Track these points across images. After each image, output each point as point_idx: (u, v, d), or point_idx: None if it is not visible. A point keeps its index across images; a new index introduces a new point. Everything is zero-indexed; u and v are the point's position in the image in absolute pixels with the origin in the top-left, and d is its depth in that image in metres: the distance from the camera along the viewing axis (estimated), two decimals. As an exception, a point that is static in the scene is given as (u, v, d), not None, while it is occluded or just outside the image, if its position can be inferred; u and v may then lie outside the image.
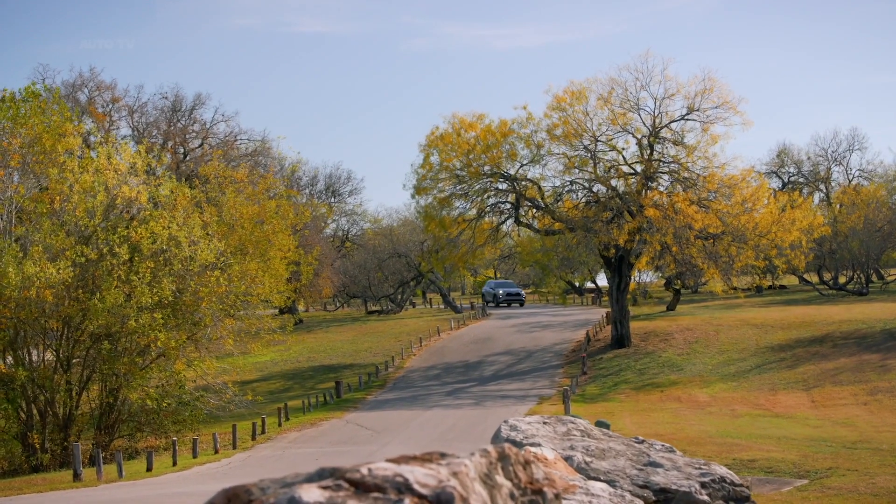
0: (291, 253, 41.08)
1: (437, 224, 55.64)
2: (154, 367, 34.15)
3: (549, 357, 54.49)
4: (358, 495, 2.56)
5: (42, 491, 19.03)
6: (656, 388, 42.90)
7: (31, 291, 29.81)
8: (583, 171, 52.69)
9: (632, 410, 36.76)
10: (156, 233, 32.90)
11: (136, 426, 34.94)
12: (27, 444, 31.24)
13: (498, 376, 49.35)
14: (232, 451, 30.25)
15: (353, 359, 57.86)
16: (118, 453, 25.50)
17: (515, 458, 2.85)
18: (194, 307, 34.18)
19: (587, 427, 7.54)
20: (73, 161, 33.51)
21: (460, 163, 54.41)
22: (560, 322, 68.91)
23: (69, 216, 32.68)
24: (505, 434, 7.17)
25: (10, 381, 30.68)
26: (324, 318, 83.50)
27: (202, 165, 48.50)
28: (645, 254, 51.18)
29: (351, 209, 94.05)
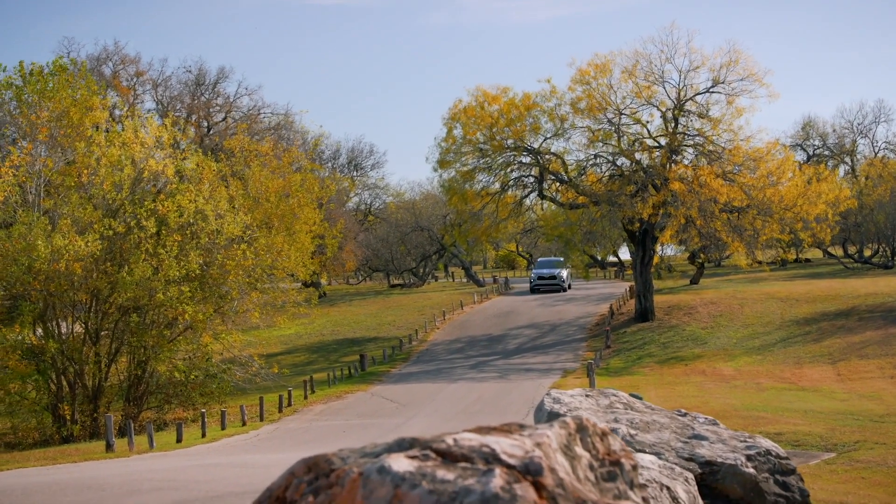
0: (317, 226, 41.16)
1: (459, 198, 55.60)
2: (181, 339, 34.37)
3: (573, 331, 54.50)
4: (446, 465, 2.59)
5: (76, 461, 19.24)
6: (680, 362, 42.87)
7: (60, 264, 30.02)
8: (607, 145, 52.48)
9: (656, 384, 36.75)
10: (182, 206, 33.03)
11: (164, 398, 35.22)
12: (58, 416, 31.56)
13: (522, 350, 49.41)
14: (259, 424, 30.47)
15: (376, 332, 58.06)
16: (149, 425, 25.74)
17: (593, 429, 2.89)
18: (221, 280, 34.36)
19: (629, 400, 7.57)
20: (101, 135, 33.63)
21: (483, 136, 54.29)
22: (583, 296, 68.87)
23: (97, 189, 32.84)
24: (548, 407, 7.21)
25: (40, 353, 30.96)
26: (347, 291, 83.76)
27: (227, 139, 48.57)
28: (669, 227, 51.04)
29: (373, 183, 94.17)
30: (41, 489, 10.74)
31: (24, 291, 30.98)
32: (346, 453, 3.15)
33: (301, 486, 3.10)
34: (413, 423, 28.03)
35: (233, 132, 58.34)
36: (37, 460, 20.09)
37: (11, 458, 22.11)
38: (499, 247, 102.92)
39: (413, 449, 2.81)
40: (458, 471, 2.58)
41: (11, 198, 31.77)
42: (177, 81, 69.19)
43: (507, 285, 79.12)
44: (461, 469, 2.60)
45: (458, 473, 2.55)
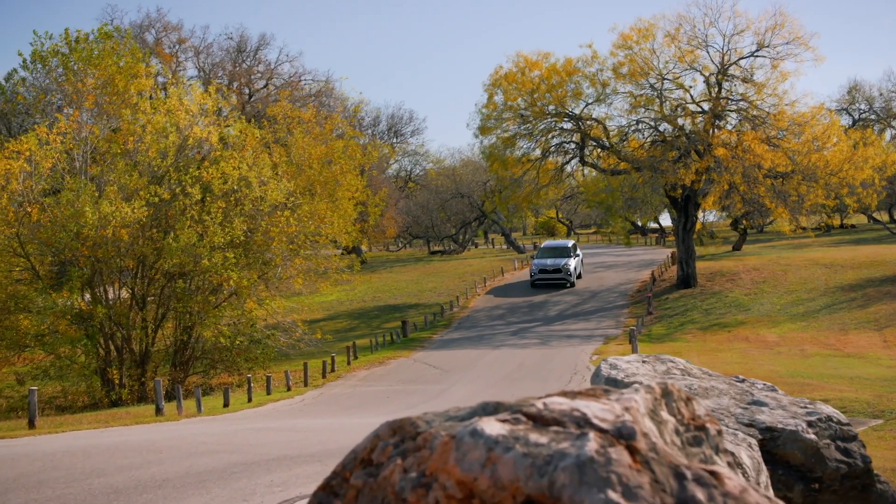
0: (359, 193, 41.26)
1: (500, 164, 55.48)
2: (226, 305, 34.68)
3: (614, 297, 54.38)
4: (538, 429, 2.62)
5: (128, 424, 19.55)
6: (723, 329, 42.66)
7: (108, 231, 30.34)
8: (649, 110, 52.04)
9: (699, 350, 36.62)
10: (226, 173, 33.23)
11: (210, 363, 35.61)
12: (106, 380, 32.02)
13: (563, 316, 49.38)
14: (304, 389, 30.73)
15: (417, 298, 58.25)
16: (197, 389, 26.03)
17: (678, 394, 2.90)
18: (265, 247, 34.60)
19: (686, 366, 7.57)
20: (146, 102, 33.84)
21: (524, 102, 54.04)
22: (624, 262, 68.64)
23: (142, 156, 33.10)
24: (605, 373, 7.22)
25: (89, 318, 31.37)
26: (387, 258, 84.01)
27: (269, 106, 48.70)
28: (712, 194, 50.60)
29: (413, 149, 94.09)
30: (100, 451, 10.94)
31: (73, 257, 31.38)
32: (430, 417, 3.18)
33: (387, 449, 3.14)
34: (456, 390, 28.17)
35: (274, 99, 58.42)
36: (89, 423, 20.43)
37: (65, 420, 22.52)
38: (539, 213, 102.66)
39: (503, 413, 2.84)
40: (551, 434, 2.60)
41: (59, 165, 32.11)
42: (218, 48, 69.44)
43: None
44: (553, 433, 2.62)
45: (550, 437, 2.58)
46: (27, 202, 31.06)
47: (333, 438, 13.33)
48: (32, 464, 9.80)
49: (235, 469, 9.49)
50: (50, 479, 8.65)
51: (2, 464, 9.92)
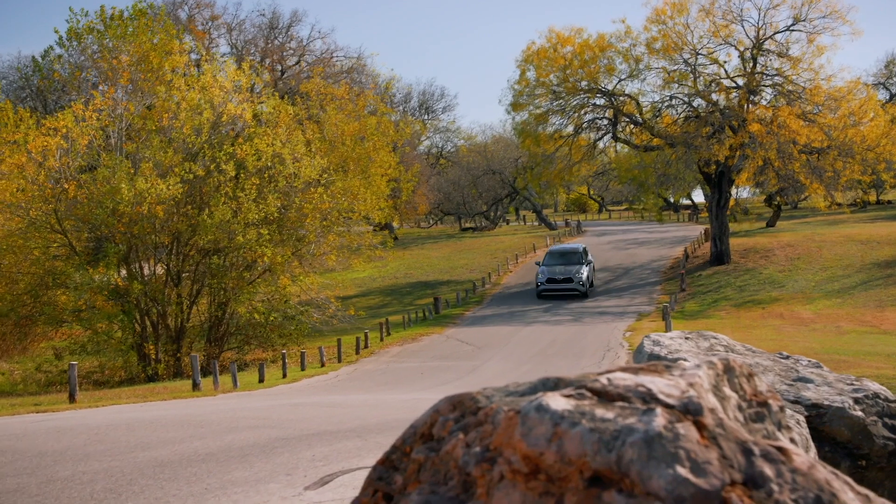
0: (392, 170, 41.28)
1: (532, 140, 55.35)
2: (260, 281, 34.88)
3: (647, 274, 54.21)
4: (603, 404, 2.62)
5: (166, 399, 19.75)
6: (757, 305, 42.43)
7: (143, 207, 30.56)
8: (682, 86, 51.66)
9: (733, 327, 36.45)
10: (260, 150, 33.33)
11: (244, 339, 35.85)
12: (143, 355, 32.34)
13: (595, 293, 49.30)
14: (338, 365, 30.89)
15: (449, 275, 58.31)
16: (233, 365, 26.25)
17: (740, 370, 2.90)
18: (298, 223, 34.74)
19: (729, 342, 7.55)
20: (180, 79, 33.97)
21: (557, 78, 53.79)
22: (656, 239, 68.36)
23: (177, 133, 33.26)
24: (648, 349, 7.21)
25: (125, 294, 31.66)
26: (419, 234, 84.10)
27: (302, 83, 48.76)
28: (746, 169, 50.21)
29: (444, 126, 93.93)
30: (143, 425, 11.07)
31: (109, 234, 31.65)
32: (490, 392, 3.20)
33: (448, 424, 3.15)
34: (489, 366, 28.22)
35: (306, 76, 58.53)
36: (128, 398, 20.66)
37: (104, 395, 22.77)
38: (570, 190, 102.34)
39: (566, 388, 2.84)
40: (617, 410, 2.61)
41: (95, 141, 32.34)
42: (251, 25, 69.53)
43: (580, 228, 78.79)
44: (619, 408, 2.63)
45: (616, 412, 2.58)
46: (64, 179, 31.34)
47: (371, 414, 13.41)
48: (77, 437, 9.93)
49: (276, 444, 9.57)
50: (96, 452, 8.77)
51: (48, 436, 10.06)
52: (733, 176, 51.44)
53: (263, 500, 6.78)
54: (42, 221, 31.82)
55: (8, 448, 9.08)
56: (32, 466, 7.97)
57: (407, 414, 13.49)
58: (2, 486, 7.05)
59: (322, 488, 7.26)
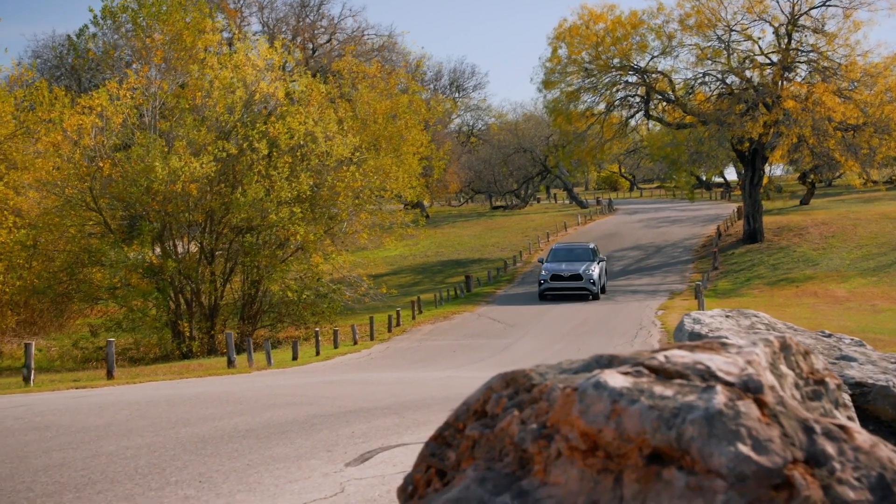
0: (423, 148, 41.25)
1: (564, 118, 55.12)
2: (293, 259, 35.03)
3: (679, 252, 53.99)
4: (661, 381, 2.62)
5: (201, 376, 19.91)
6: (791, 284, 42.15)
7: (177, 185, 30.72)
8: (716, 63, 51.22)
9: (767, 306, 36.23)
10: (293, 128, 33.39)
11: (277, 317, 36.04)
12: (177, 332, 32.61)
13: (627, 271, 49.18)
14: (370, 343, 31.01)
15: (480, 253, 58.31)
16: (266, 342, 26.41)
17: (796, 348, 2.88)
18: (331, 202, 34.83)
19: (770, 320, 7.50)
20: (213, 57, 34.06)
21: (589, 56, 53.49)
22: (688, 217, 68.00)
23: (210, 112, 33.37)
24: (689, 327, 7.19)
25: (160, 272, 31.90)
26: (449, 213, 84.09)
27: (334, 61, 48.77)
28: (780, 147, 49.77)
29: (475, 104, 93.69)
30: (183, 401, 11.18)
31: (143, 211, 31.87)
32: (543, 369, 3.20)
33: (502, 401, 3.16)
34: (522, 344, 28.24)
35: (337, 54, 58.53)
36: (164, 374, 20.85)
37: (140, 371, 23.00)
38: (601, 168, 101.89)
39: (623, 365, 2.84)
40: (676, 387, 2.61)
41: (129, 120, 32.52)
42: (282, 3, 69.52)
43: (611, 206, 78.50)
44: (678, 386, 2.63)
45: (676, 390, 2.58)
46: (99, 157, 31.56)
47: (407, 391, 13.46)
48: (119, 412, 10.05)
49: (315, 420, 9.64)
50: (138, 428, 8.87)
51: (90, 412, 10.19)
52: (767, 153, 51.02)
53: (305, 475, 6.84)
54: (77, 199, 32.09)
55: (52, 423, 9.20)
56: (77, 441, 8.08)
57: (442, 391, 13.54)
58: (49, 461, 7.15)
59: (363, 465, 7.31)
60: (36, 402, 11.79)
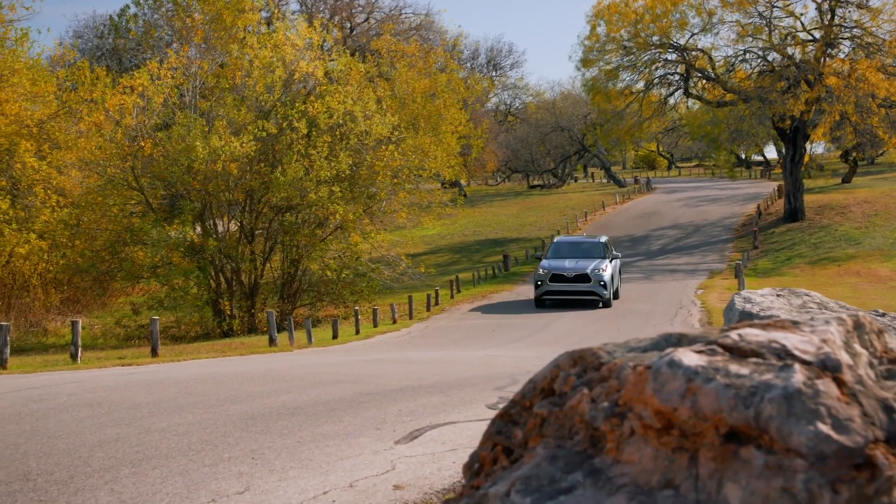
0: (462, 127, 41.18)
1: (602, 97, 54.82)
2: (332, 238, 35.13)
3: (718, 231, 53.61)
4: (736, 360, 2.60)
5: (244, 354, 20.07)
6: (833, 263, 41.74)
7: (218, 165, 30.89)
8: (757, 40, 50.64)
9: (808, 285, 35.89)
10: (332, 107, 33.44)
11: (316, 296, 36.18)
12: (218, 310, 32.85)
13: (665, 250, 48.93)
14: (409, 322, 31.09)
15: (517, 233, 58.22)
16: (307, 321, 26.54)
17: (870, 326, 2.85)
18: (370, 181, 34.88)
19: (823, 300, 7.44)
20: (253, 37, 34.14)
21: (628, 33, 53.09)
22: (728, 196, 67.47)
23: (249, 91, 33.48)
24: (739, 306, 7.14)
25: (201, 251, 32.13)
26: (486, 192, 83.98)
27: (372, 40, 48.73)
28: (822, 124, 49.16)
29: (512, 83, 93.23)
30: (229, 379, 11.28)
31: (184, 191, 32.09)
32: (610, 347, 3.19)
33: (570, 379, 3.16)
34: (560, 324, 28.20)
35: (375, 33, 58.46)
36: (207, 352, 21.03)
37: (183, 349, 23.22)
38: (639, 147, 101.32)
39: (695, 344, 2.83)
40: (752, 366, 2.59)
41: (170, 100, 32.71)
42: (320, -18, 69.30)
43: (650, 185, 78.05)
44: (754, 364, 2.61)
45: (752, 369, 2.56)
46: (140, 136, 31.78)
47: (449, 370, 13.50)
48: (168, 390, 10.16)
49: (362, 399, 9.69)
50: (188, 405, 8.96)
51: (140, 389, 10.31)
52: (809, 131, 50.45)
53: (355, 453, 6.89)
54: (119, 179, 32.37)
55: (104, 399, 9.32)
56: (129, 417, 8.18)
57: (485, 370, 13.56)
58: (103, 436, 7.25)
59: (412, 443, 7.35)
60: (86, 378, 11.94)
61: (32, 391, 10.22)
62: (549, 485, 2.84)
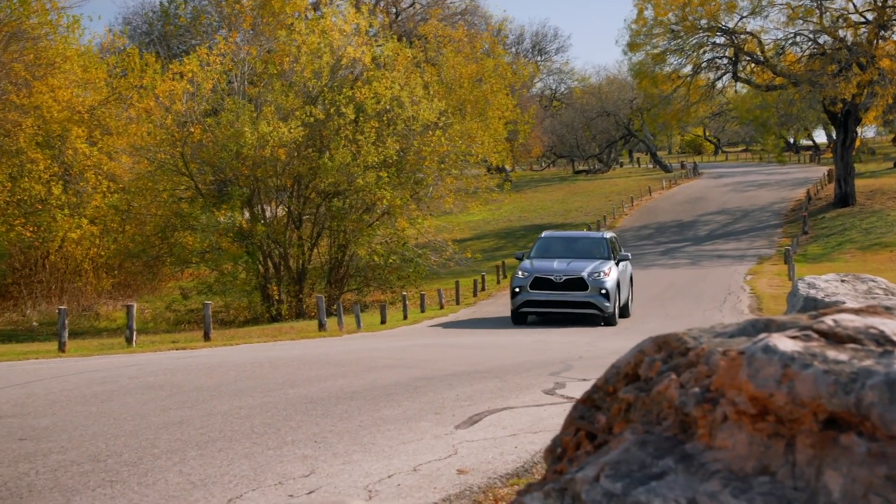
0: (509, 112, 41.08)
1: (649, 81, 54.42)
2: (379, 224, 35.22)
3: (767, 216, 53.08)
4: (832, 345, 2.57)
5: (294, 339, 20.21)
6: (885, 248, 41.16)
7: (266, 150, 31.08)
8: (807, 22, 49.95)
9: (859, 270, 35.11)
10: (379, 93, 33.48)
11: (364, 281, 36.29)
12: (266, 295, 33.10)
13: (713, 236, 48.55)
14: (456, 307, 31.10)
15: (563, 218, 58.00)
16: (356, 306, 26.64)
17: (962, 313, 2.80)
18: (417, 166, 34.92)
19: (889, 286, 7.34)
20: (301, 23, 34.24)
21: (675, 17, 52.59)
22: (776, 181, 66.73)
23: (297, 77, 33.62)
24: (804, 292, 7.06)
25: (249, 236, 32.37)
26: (531, 177, 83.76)
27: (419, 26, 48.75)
28: (874, 108, 48.44)
29: (558, 68, 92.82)
30: (286, 363, 11.37)
31: (233, 176, 32.31)
32: (696, 333, 3.16)
33: (655, 364, 3.13)
34: (609, 308, 27.97)
35: (420, 18, 58.39)
36: (258, 337, 21.20)
37: (235, 334, 23.42)
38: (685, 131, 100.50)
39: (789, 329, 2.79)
40: (850, 352, 2.55)
41: (219, 86, 32.93)
42: (366, -33, 69.29)
43: (696, 170, 77.41)
44: (852, 350, 2.57)
45: (850, 355, 2.52)
46: (190, 122, 32.05)
47: (501, 355, 13.51)
48: (227, 373, 10.26)
49: (418, 383, 9.72)
50: (247, 389, 9.04)
51: (199, 372, 10.42)
52: (860, 115, 49.72)
53: (417, 437, 6.91)
54: (169, 164, 32.68)
55: (166, 382, 9.43)
56: (192, 400, 8.27)
57: (537, 356, 13.55)
58: (167, 419, 7.34)
59: (472, 427, 7.36)
60: (143, 362, 12.10)
61: (95, 374, 10.37)
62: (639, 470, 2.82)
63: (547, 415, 7.92)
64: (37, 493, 5.03)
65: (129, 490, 5.14)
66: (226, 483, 5.40)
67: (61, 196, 33.39)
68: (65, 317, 17.79)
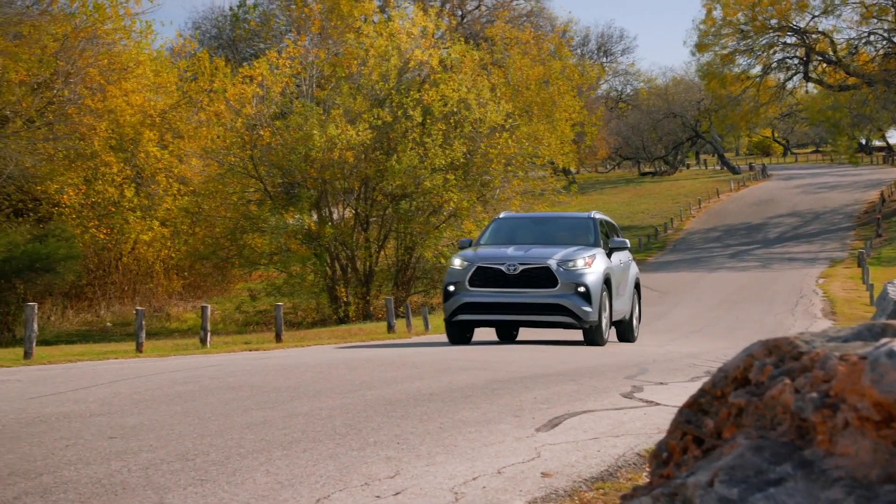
0: (576, 114, 40.94)
1: (717, 82, 53.99)
2: (446, 226, 35.28)
3: (839, 219, 52.21)
4: (962, 352, 2.49)
5: (364, 341, 20.31)
6: (961, 252, 40.31)
7: (334, 153, 31.32)
8: (882, 21, 49.13)
9: (936, 276, 34.70)
10: (446, 95, 33.55)
11: (430, 283, 36.37)
12: (334, 297, 33.33)
13: (783, 238, 47.89)
14: (523, 309, 30.96)
15: (630, 220, 57.59)
16: (424, 308, 26.76)
17: None
18: (484, 169, 34.92)
19: (982, 291, 7.17)
20: (369, 26, 34.46)
21: (745, 16, 52.07)
22: (849, 182, 65.61)
23: (365, 80, 33.83)
24: (893, 295, 6.93)
25: (317, 238, 32.63)
26: (597, 179, 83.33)
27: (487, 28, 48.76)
28: (952, 108, 47.43)
29: (623, 69, 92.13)
30: (361, 364, 11.42)
31: (302, 179, 32.60)
32: (808, 337, 3.10)
33: (766, 369, 3.08)
34: (678, 311, 27.88)
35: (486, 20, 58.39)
36: (328, 338, 21.36)
37: (305, 335, 23.61)
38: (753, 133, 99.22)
39: (908, 334, 2.72)
40: (977, 357, 2.47)
41: (288, 89, 33.26)
42: (431, -30, 69.47)
43: (765, 172, 76.41)
44: (985, 357, 2.50)
45: (978, 360, 2.45)
46: (259, 125, 32.41)
47: (575, 357, 13.43)
48: (303, 374, 10.33)
49: (494, 386, 9.70)
50: (325, 390, 9.09)
51: (277, 373, 10.52)
52: (936, 116, 48.74)
53: (498, 440, 6.88)
54: (239, 167, 33.07)
55: (245, 383, 9.52)
56: (272, 401, 8.33)
57: (611, 359, 13.45)
58: (250, 419, 7.40)
59: (553, 430, 7.31)
60: (221, 362, 12.23)
61: (176, 374, 10.51)
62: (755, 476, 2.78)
63: (627, 419, 7.85)
64: (130, 490, 5.10)
65: (219, 489, 5.19)
66: (312, 483, 5.43)
67: (133, 199, 33.99)
68: (142, 317, 18.10)
